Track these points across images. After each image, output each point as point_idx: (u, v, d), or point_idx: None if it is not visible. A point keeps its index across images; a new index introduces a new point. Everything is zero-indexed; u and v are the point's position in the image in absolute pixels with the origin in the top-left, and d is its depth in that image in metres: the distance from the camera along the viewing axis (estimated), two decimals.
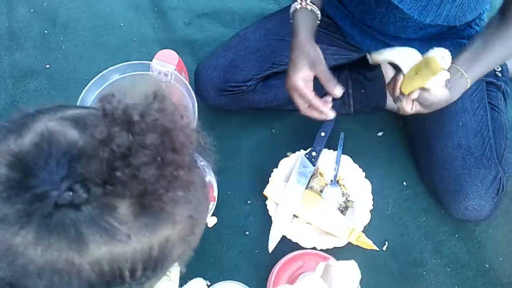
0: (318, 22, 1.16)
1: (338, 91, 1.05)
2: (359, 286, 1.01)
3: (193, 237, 0.52)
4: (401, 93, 1.06)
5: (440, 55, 0.95)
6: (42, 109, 0.50)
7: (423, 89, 1.04)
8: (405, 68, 1.03)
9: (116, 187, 0.44)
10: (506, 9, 1.11)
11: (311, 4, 1.12)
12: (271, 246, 1.24)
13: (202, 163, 0.55)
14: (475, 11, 1.14)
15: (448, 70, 1.09)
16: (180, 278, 0.59)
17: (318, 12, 1.14)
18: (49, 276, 0.44)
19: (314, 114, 1.10)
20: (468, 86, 1.11)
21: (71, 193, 0.43)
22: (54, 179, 0.44)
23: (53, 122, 0.48)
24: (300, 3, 1.12)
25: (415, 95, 1.05)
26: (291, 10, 1.14)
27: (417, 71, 0.99)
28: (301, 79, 1.06)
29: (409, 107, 1.08)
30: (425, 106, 1.07)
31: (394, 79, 1.07)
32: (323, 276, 0.97)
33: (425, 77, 0.99)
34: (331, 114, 1.08)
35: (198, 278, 1.16)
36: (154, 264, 0.48)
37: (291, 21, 1.14)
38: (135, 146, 0.44)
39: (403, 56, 1.05)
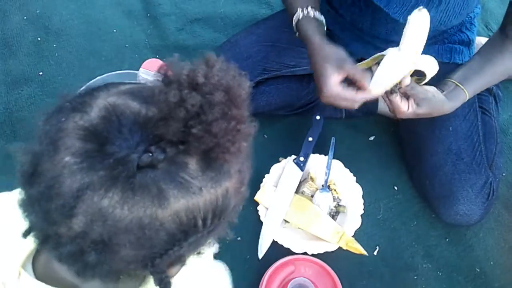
0: (325, 27, 1.13)
1: (375, 89, 1.01)
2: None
3: (243, 189, 0.58)
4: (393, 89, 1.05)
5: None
6: (93, 88, 0.55)
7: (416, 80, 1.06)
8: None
9: (189, 145, 0.49)
10: (506, 26, 1.13)
11: (312, 10, 1.10)
12: (261, 252, 1.24)
13: None
14: (459, 16, 1.15)
15: (443, 83, 1.12)
16: None
17: (322, 18, 1.12)
18: (136, 231, 0.49)
19: (366, 100, 1.04)
20: (467, 98, 1.13)
21: (150, 154, 0.48)
22: (130, 144, 0.49)
23: (113, 97, 0.52)
24: (302, 12, 1.10)
25: (407, 81, 1.03)
26: (294, 21, 1.11)
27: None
28: (335, 85, 1.01)
29: (405, 106, 1.07)
30: (418, 100, 1.07)
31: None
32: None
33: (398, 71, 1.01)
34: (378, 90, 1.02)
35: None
36: (220, 213, 0.54)
37: (297, 33, 1.11)
38: (206, 104, 0.48)
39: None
